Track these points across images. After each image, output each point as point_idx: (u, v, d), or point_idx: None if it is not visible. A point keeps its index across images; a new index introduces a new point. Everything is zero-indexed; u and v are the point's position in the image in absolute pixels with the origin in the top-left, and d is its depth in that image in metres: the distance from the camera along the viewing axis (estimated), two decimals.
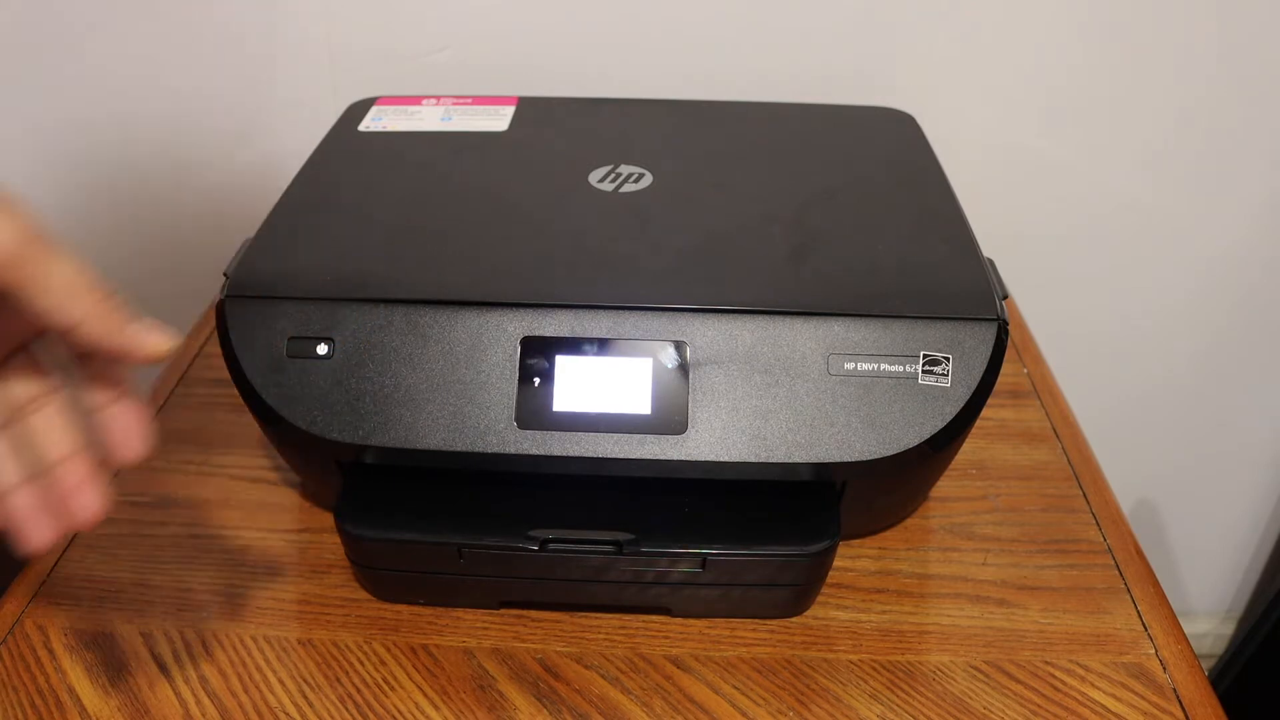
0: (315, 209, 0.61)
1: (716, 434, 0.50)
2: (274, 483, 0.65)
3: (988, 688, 0.52)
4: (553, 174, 0.64)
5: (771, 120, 0.74)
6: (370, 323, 0.52)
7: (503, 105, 0.74)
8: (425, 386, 0.51)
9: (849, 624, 0.56)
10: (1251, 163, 0.91)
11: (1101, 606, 0.57)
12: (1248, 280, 0.99)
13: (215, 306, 0.54)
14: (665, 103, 0.76)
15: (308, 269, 0.55)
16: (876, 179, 0.66)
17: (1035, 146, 0.91)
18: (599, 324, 0.51)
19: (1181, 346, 1.04)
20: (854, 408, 0.50)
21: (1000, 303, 0.53)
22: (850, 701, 0.51)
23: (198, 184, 0.95)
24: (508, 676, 0.53)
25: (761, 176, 0.65)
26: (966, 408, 0.51)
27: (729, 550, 0.51)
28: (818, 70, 0.87)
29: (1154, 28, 0.84)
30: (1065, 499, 0.64)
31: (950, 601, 0.57)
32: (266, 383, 0.52)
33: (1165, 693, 0.52)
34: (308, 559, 0.59)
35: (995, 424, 0.69)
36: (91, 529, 0.39)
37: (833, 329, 0.51)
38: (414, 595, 0.56)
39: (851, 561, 0.60)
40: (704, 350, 0.51)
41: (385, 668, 0.53)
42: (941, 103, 0.86)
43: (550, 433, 0.51)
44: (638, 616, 0.56)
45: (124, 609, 0.56)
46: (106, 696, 0.51)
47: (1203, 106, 0.88)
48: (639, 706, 0.51)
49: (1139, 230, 0.96)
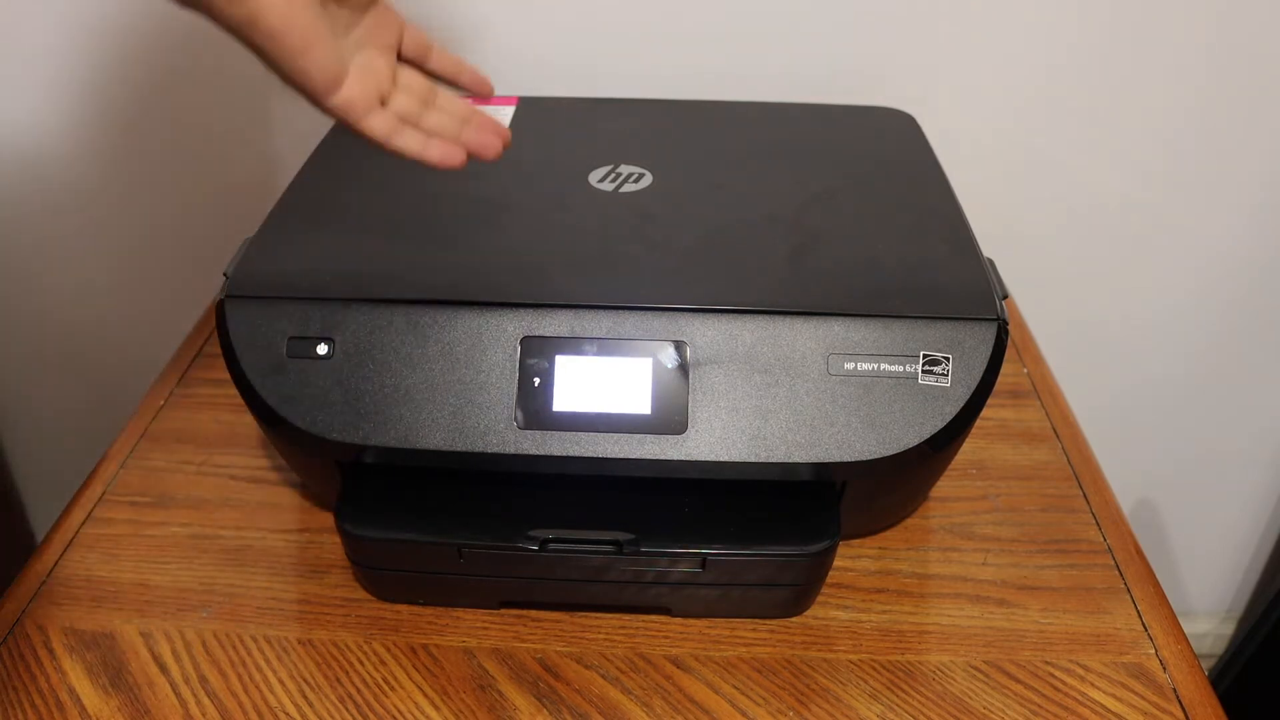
0: (315, 209, 0.61)
1: (716, 434, 0.50)
2: (274, 483, 0.65)
3: (988, 688, 0.52)
4: (553, 174, 0.64)
5: (771, 120, 0.74)
6: (370, 323, 0.52)
7: (503, 105, 0.74)
8: (425, 386, 0.51)
9: (849, 624, 0.56)
10: (1251, 162, 0.91)
11: (1101, 606, 0.57)
12: (1248, 280, 0.99)
13: (215, 306, 0.54)
14: (665, 103, 0.76)
15: (308, 269, 0.55)
16: (876, 179, 0.66)
17: (1035, 146, 0.91)
18: (599, 324, 0.51)
19: (1182, 346, 1.04)
20: (854, 408, 0.50)
21: (1000, 303, 0.53)
22: (850, 701, 0.51)
23: (198, 184, 0.95)
24: (508, 676, 0.53)
25: (761, 176, 0.65)
26: (966, 408, 0.51)
27: (729, 550, 0.51)
28: (817, 70, 0.87)
29: (1153, 27, 0.84)
30: (1065, 499, 0.64)
31: (950, 601, 0.57)
32: (266, 383, 0.52)
33: (1165, 693, 0.52)
34: (308, 559, 0.59)
35: (995, 424, 0.69)
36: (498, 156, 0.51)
37: (833, 329, 0.51)
38: (414, 595, 0.56)
39: (851, 561, 0.60)
40: (704, 350, 0.51)
41: (385, 668, 0.53)
42: (941, 103, 0.86)
43: (550, 433, 0.51)
44: (638, 616, 0.56)
45: (124, 609, 0.56)
46: (106, 696, 0.51)
47: (1202, 106, 0.88)
48: (639, 706, 0.51)
49: (1139, 230, 0.96)
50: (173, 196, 0.96)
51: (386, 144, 0.47)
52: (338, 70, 0.45)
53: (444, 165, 0.47)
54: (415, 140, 0.47)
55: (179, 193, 0.96)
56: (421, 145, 0.47)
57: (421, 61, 0.51)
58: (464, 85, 0.52)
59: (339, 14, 0.46)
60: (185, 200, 0.96)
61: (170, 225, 0.98)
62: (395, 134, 0.47)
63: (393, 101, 0.48)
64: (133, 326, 1.06)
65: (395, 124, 0.47)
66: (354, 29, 0.47)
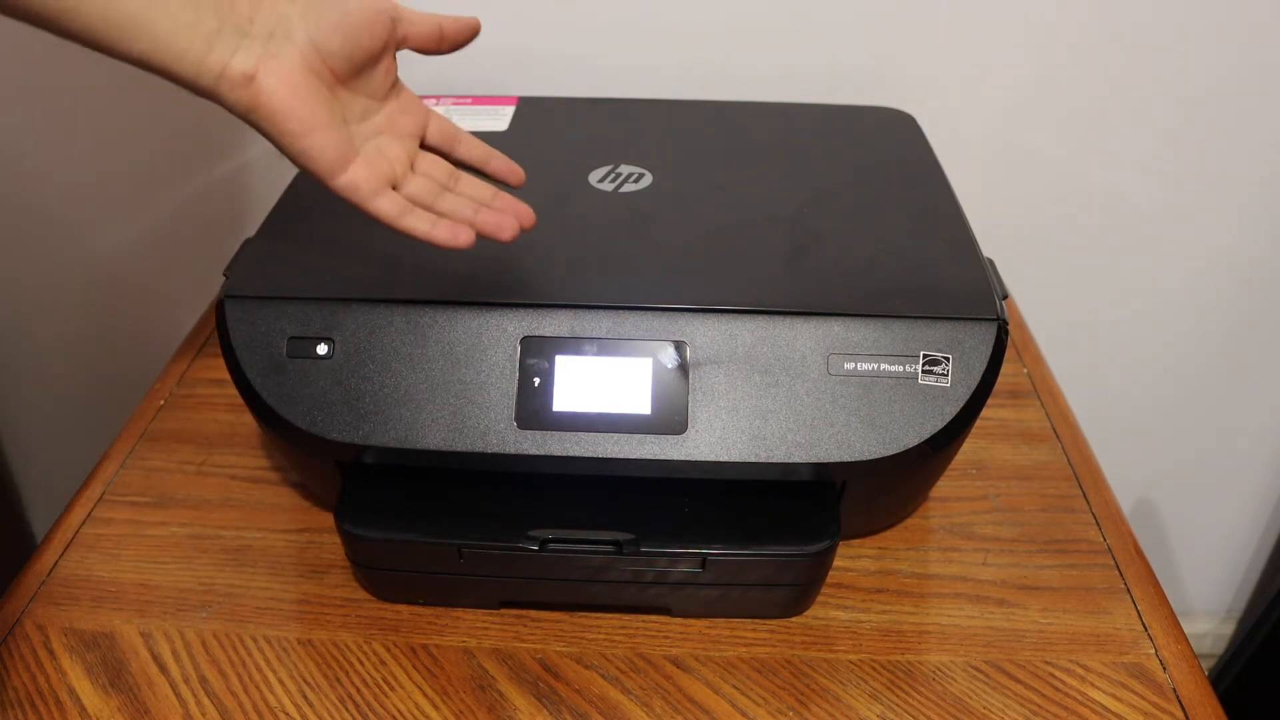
0: (315, 209, 0.61)
1: (716, 434, 0.50)
2: (274, 483, 0.65)
3: (988, 688, 0.52)
4: (553, 174, 0.64)
5: (771, 120, 0.74)
6: (370, 323, 0.52)
7: (503, 105, 0.74)
8: (425, 386, 0.51)
9: (849, 624, 0.56)
10: (1251, 161, 0.91)
11: (1101, 606, 0.57)
12: (1248, 280, 0.99)
13: (215, 306, 0.54)
14: (665, 103, 0.76)
15: (308, 269, 0.55)
16: (876, 179, 0.66)
17: (1035, 146, 0.91)
18: (599, 324, 0.51)
19: (1181, 346, 1.04)
20: (854, 408, 0.50)
21: (1000, 303, 0.53)
22: (850, 701, 0.51)
23: (198, 183, 0.95)
24: (508, 676, 0.53)
25: (761, 176, 0.65)
26: (966, 408, 0.51)
27: (729, 550, 0.51)
28: (818, 70, 0.87)
29: (1153, 27, 0.84)
30: (1065, 499, 0.64)
31: (950, 601, 0.57)
32: (266, 383, 0.52)
33: (1165, 693, 0.52)
34: (308, 559, 0.59)
35: (995, 424, 0.69)
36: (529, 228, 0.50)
37: (833, 329, 0.51)
38: (414, 595, 0.56)
39: (851, 561, 0.59)
40: (704, 350, 0.51)
41: (385, 668, 0.53)
42: (941, 103, 0.86)
43: (550, 433, 0.51)
44: (638, 616, 0.56)
45: (124, 609, 0.56)
46: (106, 696, 0.51)
47: (1203, 105, 0.88)
48: (639, 706, 0.51)
49: (1140, 230, 0.96)
50: (172, 196, 0.96)
51: (395, 225, 0.48)
52: (342, 153, 0.46)
53: (451, 246, 0.48)
54: (424, 221, 0.48)
55: (179, 192, 0.96)
56: (430, 226, 0.48)
57: (449, 150, 0.52)
58: (492, 174, 0.53)
59: (352, 101, 0.47)
60: (185, 200, 0.96)
61: (170, 225, 0.98)
62: (404, 215, 0.47)
63: (406, 184, 0.49)
64: (133, 326, 1.06)
65: (404, 206, 0.48)
66: (371, 116, 0.48)
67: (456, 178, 0.51)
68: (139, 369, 0.93)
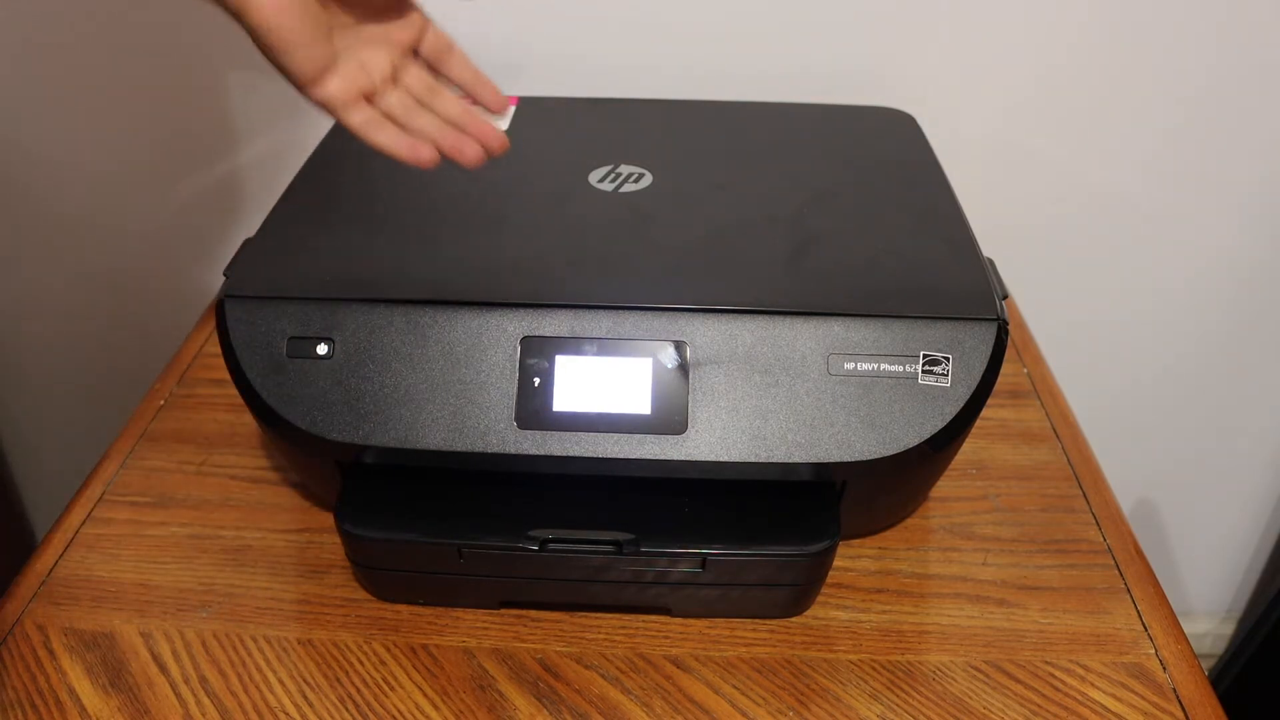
0: (315, 209, 0.61)
1: (716, 434, 0.50)
2: (274, 483, 0.65)
3: (988, 688, 0.52)
4: (553, 174, 0.64)
5: (771, 120, 0.74)
6: (370, 323, 0.52)
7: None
8: (425, 386, 0.51)
9: (849, 624, 0.56)
10: (1251, 161, 0.91)
11: (1101, 606, 0.57)
12: (1248, 280, 0.99)
13: (215, 306, 0.54)
14: (665, 103, 0.76)
15: (308, 269, 0.55)
16: (876, 179, 0.66)
17: (1035, 146, 0.91)
18: (599, 324, 0.51)
19: (1181, 346, 1.04)
20: (854, 408, 0.50)
21: (1000, 303, 0.53)
22: (850, 701, 0.51)
23: (198, 183, 0.95)
24: (508, 676, 0.53)
25: (761, 176, 0.65)
26: (966, 408, 0.51)
27: (729, 550, 0.51)
28: (817, 70, 0.87)
29: (1153, 27, 0.84)
30: (1065, 499, 0.64)
31: (950, 601, 0.57)
32: (266, 383, 0.52)
33: (1165, 693, 0.52)
34: (308, 559, 0.59)
35: (995, 424, 0.69)
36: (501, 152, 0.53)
37: (833, 329, 0.51)
38: (414, 595, 0.56)
39: (851, 561, 0.59)
40: (704, 350, 0.51)
41: (385, 668, 0.53)
42: (941, 103, 0.86)
43: (550, 433, 0.51)
44: (638, 616, 0.56)
45: (124, 609, 0.56)
46: (106, 696, 0.51)
47: (1203, 104, 0.88)
48: (639, 706, 0.51)
49: (1139, 229, 0.96)
50: (172, 196, 0.96)
51: (362, 137, 0.49)
52: (322, 65, 0.47)
53: (412, 162, 0.49)
54: (391, 135, 0.49)
55: (179, 192, 0.96)
56: (394, 140, 0.49)
57: (438, 64, 0.53)
58: (478, 96, 0.54)
59: (343, 11, 0.48)
60: (185, 200, 0.96)
61: (170, 225, 0.98)
62: (373, 128, 0.49)
63: (382, 98, 0.50)
64: (133, 326, 1.06)
65: (375, 119, 0.49)
66: (363, 25, 0.49)
67: (436, 93, 0.52)
68: (139, 369, 0.93)
